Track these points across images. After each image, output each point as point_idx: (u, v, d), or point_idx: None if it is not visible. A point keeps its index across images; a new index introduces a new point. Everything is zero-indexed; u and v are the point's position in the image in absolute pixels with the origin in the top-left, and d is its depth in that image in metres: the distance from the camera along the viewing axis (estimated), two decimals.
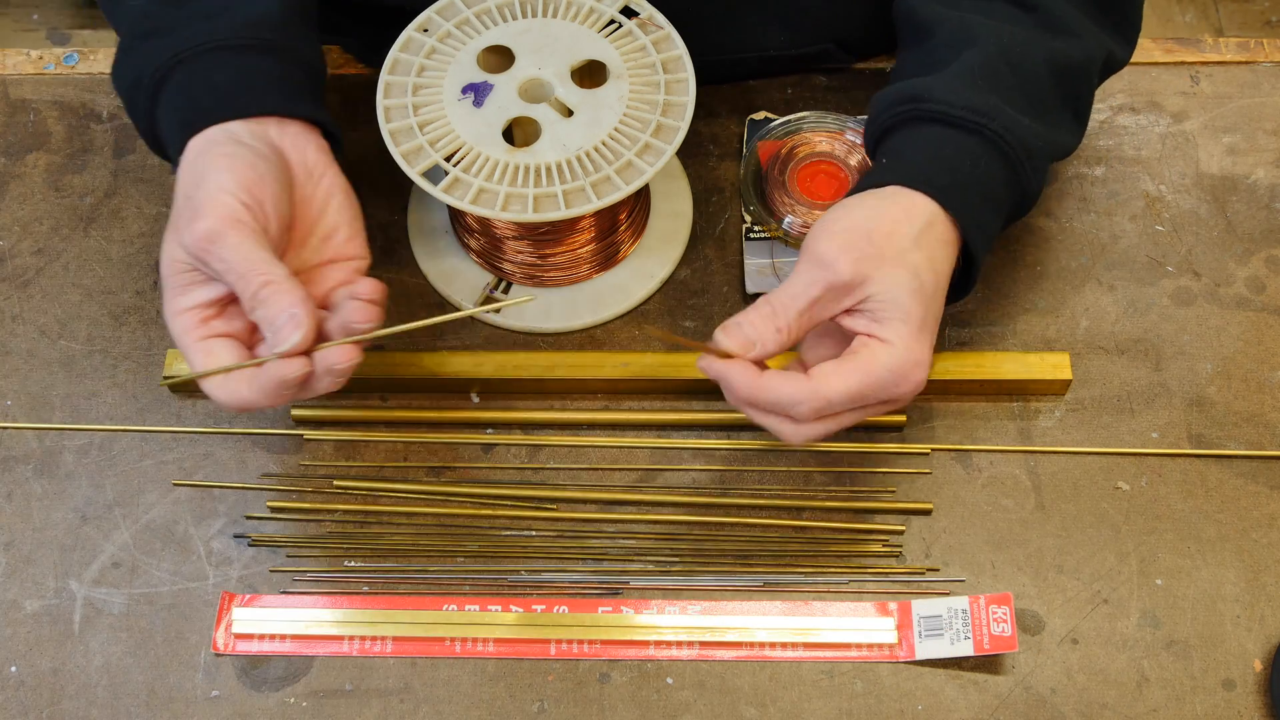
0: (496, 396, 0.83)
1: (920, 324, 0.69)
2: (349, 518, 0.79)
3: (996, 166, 0.73)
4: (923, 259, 0.69)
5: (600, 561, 0.78)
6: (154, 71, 0.74)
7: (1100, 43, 0.79)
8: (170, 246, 0.70)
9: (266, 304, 0.67)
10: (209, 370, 0.69)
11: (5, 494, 0.80)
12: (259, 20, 0.75)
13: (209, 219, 0.67)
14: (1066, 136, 0.78)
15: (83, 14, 2.16)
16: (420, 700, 0.74)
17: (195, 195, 0.69)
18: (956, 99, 0.73)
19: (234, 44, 0.74)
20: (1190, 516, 0.79)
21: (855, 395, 0.68)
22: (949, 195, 0.71)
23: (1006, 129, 0.72)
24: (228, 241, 0.67)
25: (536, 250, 0.83)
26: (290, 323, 0.66)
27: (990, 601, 0.74)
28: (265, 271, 0.67)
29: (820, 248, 0.69)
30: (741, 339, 0.69)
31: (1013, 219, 0.77)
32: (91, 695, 0.74)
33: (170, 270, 0.70)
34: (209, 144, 0.71)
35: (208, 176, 0.69)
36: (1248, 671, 0.74)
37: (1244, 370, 0.83)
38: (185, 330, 0.69)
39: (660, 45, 0.81)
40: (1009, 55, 0.75)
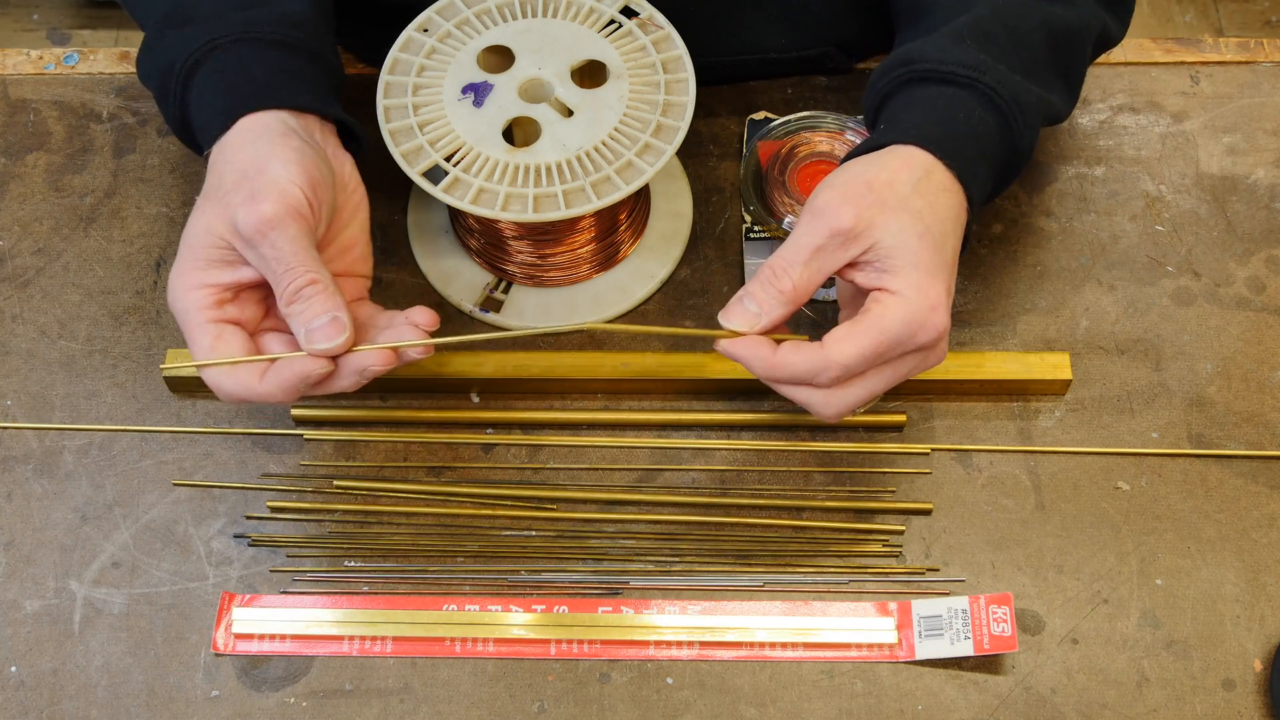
0: (496, 396, 0.83)
1: (931, 268, 0.67)
2: (349, 518, 0.79)
3: (989, 118, 0.73)
4: (924, 204, 0.69)
5: (600, 561, 0.78)
6: (188, 57, 0.74)
7: (1096, 14, 0.80)
8: (208, 219, 0.69)
9: (309, 302, 0.67)
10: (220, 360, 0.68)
11: (5, 494, 0.80)
12: (291, 17, 0.76)
13: (273, 204, 0.67)
14: (1059, 100, 0.78)
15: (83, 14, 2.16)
16: (420, 700, 0.74)
17: (257, 178, 0.68)
18: (946, 56, 0.73)
19: (269, 38, 0.74)
20: (1190, 516, 0.79)
21: (871, 354, 0.66)
22: (944, 146, 0.70)
23: (999, 82, 0.73)
24: (287, 232, 0.67)
25: (536, 250, 0.84)
26: (334, 325, 0.67)
27: (990, 601, 0.74)
28: (314, 270, 0.68)
29: (819, 200, 0.68)
30: (742, 314, 0.68)
31: (1004, 179, 0.76)
32: (91, 695, 0.74)
33: (200, 241, 0.69)
34: (267, 129, 0.71)
35: (272, 163, 0.69)
36: (1248, 671, 0.74)
37: (1244, 370, 0.83)
38: (198, 307, 0.69)
39: (660, 45, 0.81)
40: (1003, 16, 0.75)
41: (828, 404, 0.69)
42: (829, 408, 0.69)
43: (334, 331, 0.67)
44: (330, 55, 0.78)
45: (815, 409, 0.69)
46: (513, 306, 0.85)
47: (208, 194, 0.70)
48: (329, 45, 0.79)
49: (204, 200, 0.70)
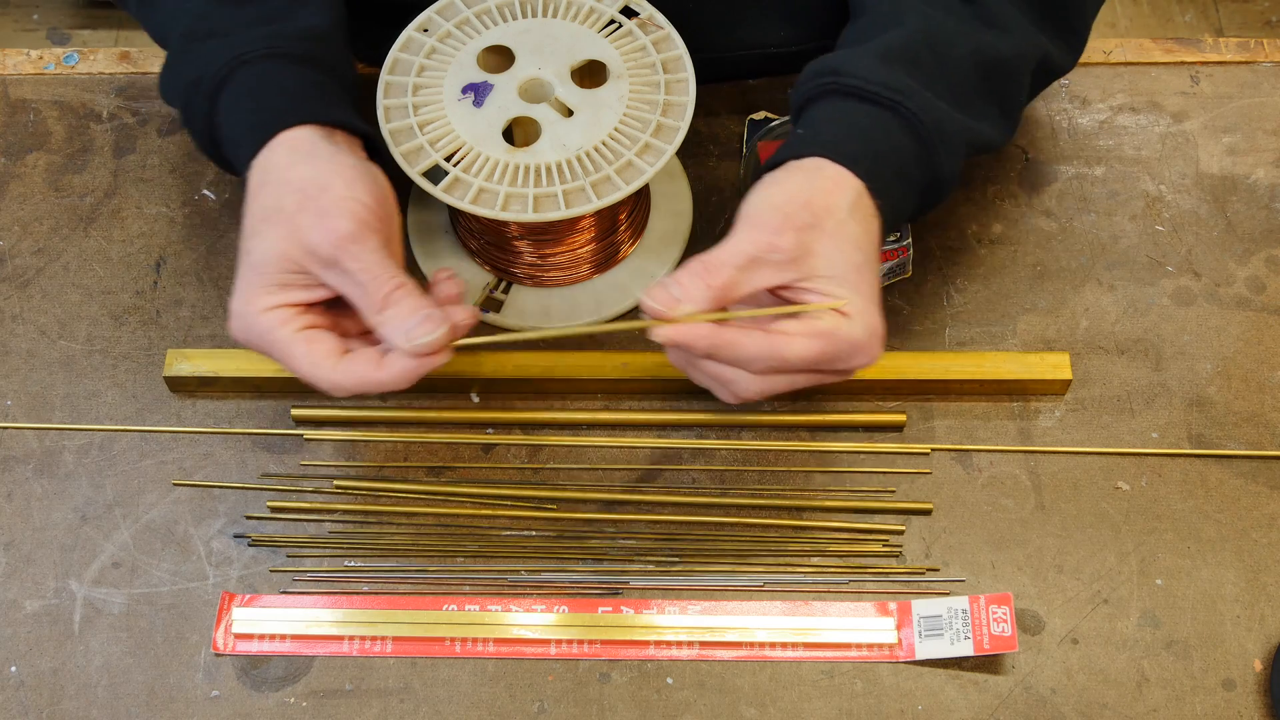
0: (496, 396, 0.83)
1: (870, 296, 0.69)
2: (349, 518, 0.79)
3: (908, 144, 0.73)
4: (860, 230, 0.70)
5: (600, 561, 0.78)
6: (215, 72, 0.74)
7: (1035, 43, 0.79)
8: (276, 242, 0.69)
9: (400, 305, 0.68)
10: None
11: (5, 494, 0.80)
12: (314, 32, 0.76)
13: (347, 220, 0.68)
14: (990, 130, 0.78)
15: (83, 14, 2.16)
16: (420, 700, 0.74)
17: (321, 197, 0.69)
18: (872, 75, 0.73)
19: (295, 54, 0.74)
20: (1190, 516, 0.79)
21: (816, 359, 0.68)
22: (868, 170, 0.71)
23: (922, 109, 0.73)
24: (365, 245, 0.68)
25: (536, 250, 0.84)
26: (430, 321, 0.68)
27: (990, 601, 0.74)
28: (397, 275, 0.69)
29: (762, 217, 0.69)
30: (666, 297, 0.68)
31: (926, 204, 0.76)
32: (91, 695, 0.74)
33: (271, 266, 0.69)
34: (314, 147, 0.71)
35: (334, 180, 0.70)
36: (1248, 671, 0.74)
37: (1244, 370, 0.83)
38: (281, 323, 0.69)
39: (660, 45, 0.81)
40: (933, 40, 0.75)
41: (749, 387, 0.70)
42: (748, 391, 0.70)
43: (431, 326, 0.68)
44: (349, 70, 0.79)
45: (736, 389, 0.70)
46: (513, 306, 0.85)
47: (267, 217, 0.70)
48: (348, 60, 0.79)
49: (263, 224, 0.70)
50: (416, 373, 0.69)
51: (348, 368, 0.69)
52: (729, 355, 0.68)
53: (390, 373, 0.69)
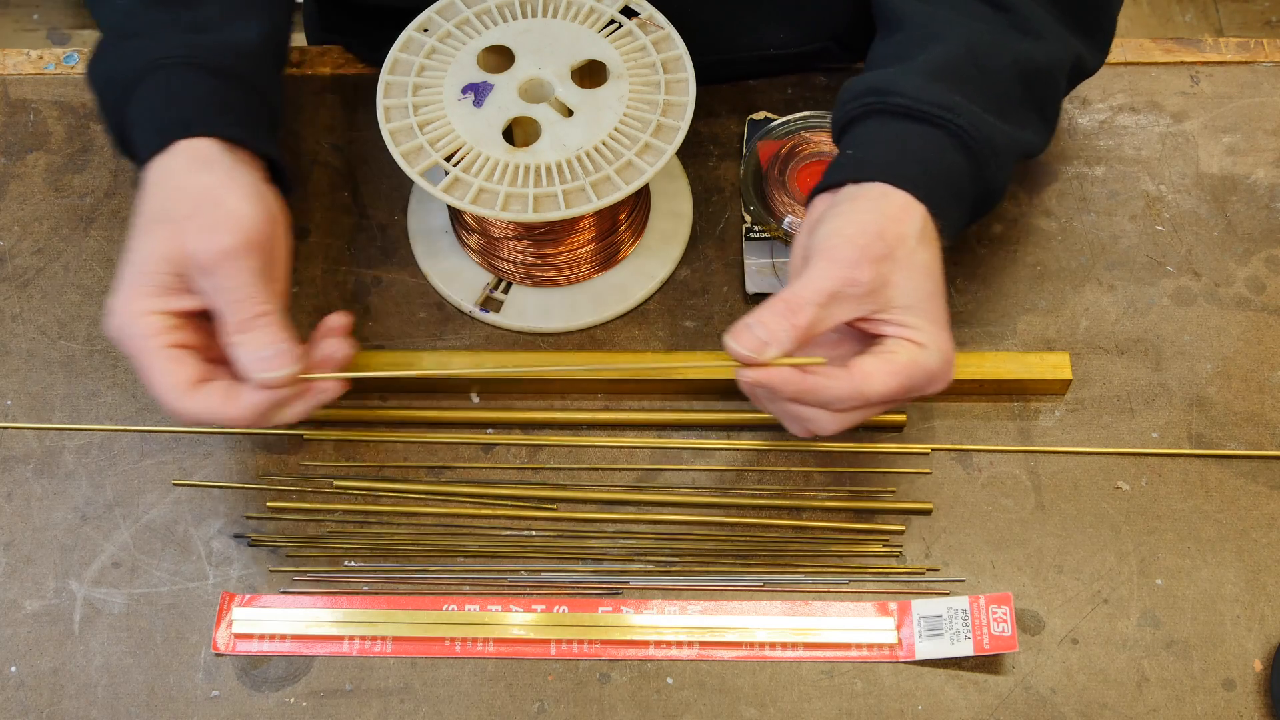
0: (496, 396, 0.83)
1: (943, 323, 0.70)
2: (349, 518, 0.79)
3: (961, 160, 0.73)
4: (929, 257, 0.70)
5: (600, 561, 0.78)
6: (130, 72, 0.74)
7: (1069, 47, 0.79)
8: (160, 244, 0.69)
9: (257, 333, 0.68)
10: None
11: (5, 494, 0.80)
12: (238, 48, 0.76)
13: (232, 236, 0.68)
14: (1033, 136, 0.78)
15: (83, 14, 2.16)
16: (420, 700, 0.74)
17: (214, 210, 0.69)
18: (921, 94, 0.73)
19: (213, 65, 0.74)
20: (1190, 516, 0.79)
21: (896, 393, 0.68)
22: (927, 192, 0.71)
23: (972, 124, 0.73)
24: (243, 264, 0.68)
25: (536, 250, 0.84)
26: (280, 357, 0.68)
27: (990, 601, 0.74)
28: (266, 302, 0.69)
29: (839, 251, 0.68)
30: (753, 341, 0.68)
31: (975, 217, 0.77)
32: (91, 695, 0.74)
33: (152, 267, 0.69)
34: (217, 159, 0.71)
35: (229, 195, 0.70)
36: (1248, 671, 0.74)
37: (1244, 370, 0.83)
38: (153, 332, 0.69)
39: (660, 45, 0.81)
40: (976, 54, 0.75)
41: (829, 424, 0.70)
42: (826, 428, 0.70)
43: (280, 362, 0.68)
44: (273, 92, 0.78)
45: (813, 426, 0.70)
46: (513, 306, 0.85)
47: (156, 218, 0.70)
48: (274, 82, 0.79)
49: (152, 224, 0.70)
50: (264, 410, 0.69)
51: (197, 399, 0.68)
52: (814, 398, 0.68)
53: (238, 409, 0.69)
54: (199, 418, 0.69)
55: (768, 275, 0.85)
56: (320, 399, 0.71)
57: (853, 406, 0.68)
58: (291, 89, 0.95)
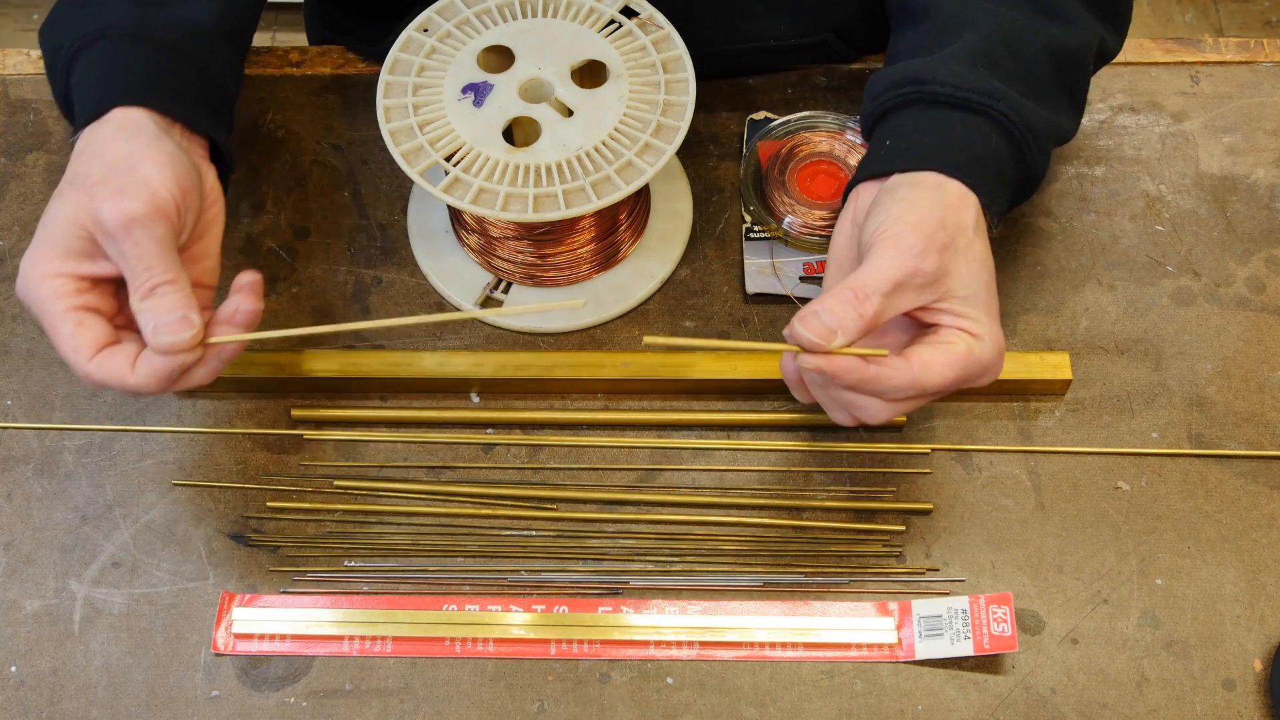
0: (496, 396, 0.83)
1: (996, 314, 0.70)
2: (349, 518, 0.79)
3: (1004, 146, 0.73)
4: (983, 247, 0.70)
5: (600, 561, 0.78)
6: (77, 39, 0.75)
7: (1095, 31, 0.80)
8: (71, 208, 0.69)
9: (161, 299, 0.68)
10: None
11: (5, 494, 0.80)
12: (188, 25, 0.76)
13: (141, 203, 0.68)
14: (1065, 121, 0.78)
15: None
16: (420, 700, 0.74)
17: (127, 175, 0.69)
18: (961, 81, 0.73)
19: (159, 40, 0.75)
20: (1190, 516, 0.79)
21: (952, 383, 0.68)
22: (977, 180, 0.71)
23: (1012, 109, 0.73)
24: (150, 231, 0.68)
25: (536, 250, 0.84)
26: (182, 323, 0.68)
27: (990, 601, 0.74)
28: (171, 270, 0.69)
29: (904, 239, 0.68)
30: (821, 328, 0.67)
31: (1015, 203, 0.77)
32: (91, 695, 0.74)
33: (62, 230, 0.69)
34: (141, 128, 0.72)
35: (144, 163, 0.70)
36: (1248, 671, 0.74)
37: (1244, 370, 0.83)
38: (59, 295, 0.68)
39: (660, 45, 0.81)
40: (1009, 40, 0.75)
41: (880, 413, 0.70)
42: (879, 416, 0.70)
43: (181, 328, 0.68)
44: (222, 72, 0.79)
45: (866, 415, 0.70)
46: (513, 306, 0.85)
47: (73, 181, 0.70)
48: (225, 61, 0.79)
49: (67, 188, 0.70)
50: (168, 375, 0.69)
51: (102, 363, 0.68)
52: (873, 387, 0.68)
53: (140, 375, 0.68)
54: (103, 382, 0.69)
55: (768, 275, 0.85)
56: (222, 357, 0.71)
57: (908, 397, 0.69)
58: (291, 89, 0.95)
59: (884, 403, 0.69)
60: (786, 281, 0.85)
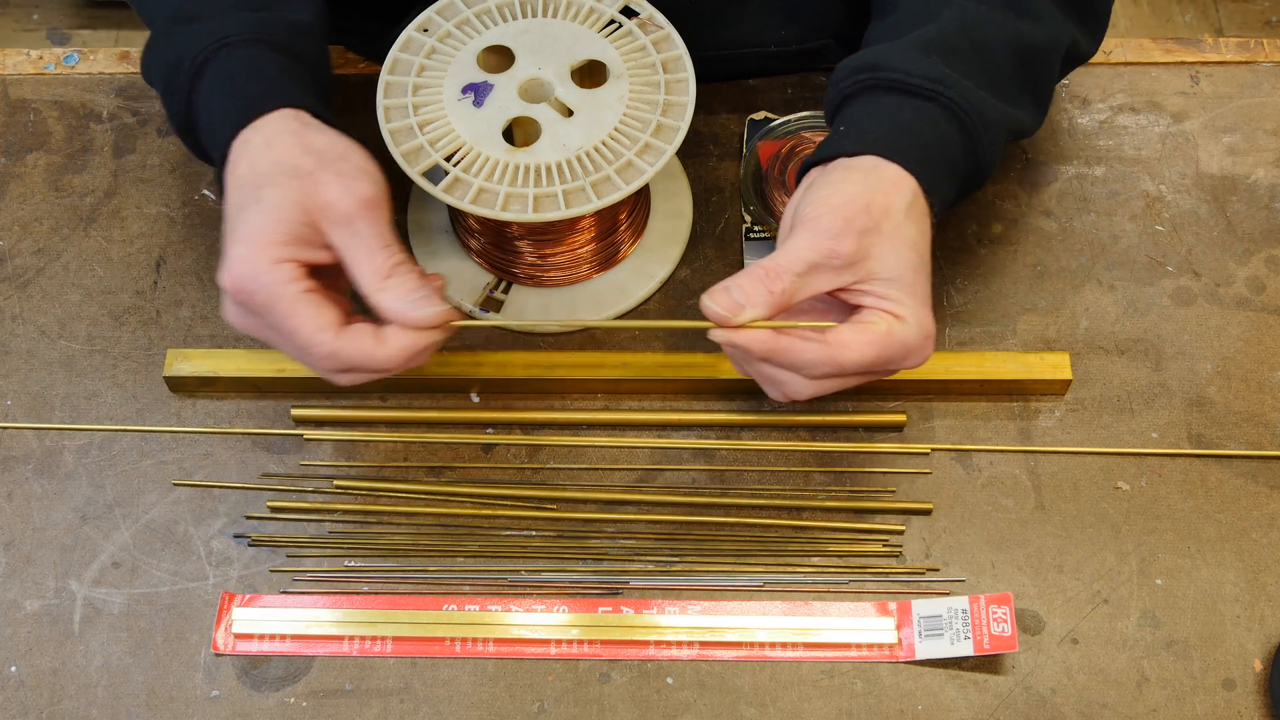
0: (496, 396, 0.83)
1: (924, 298, 0.70)
2: (349, 518, 0.79)
3: (953, 133, 0.73)
4: (916, 232, 0.70)
5: (600, 561, 0.78)
6: (198, 53, 0.74)
7: (1065, 30, 0.80)
8: (293, 193, 0.68)
9: (406, 278, 0.69)
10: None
11: (5, 494, 0.80)
12: (296, 25, 0.77)
13: (370, 185, 0.70)
14: (1025, 115, 0.78)
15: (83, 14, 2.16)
16: (420, 700, 0.74)
17: (343, 162, 0.70)
18: (912, 67, 0.73)
19: (278, 42, 0.75)
20: (1190, 516, 0.79)
21: (870, 363, 0.68)
22: (919, 165, 0.71)
23: (964, 97, 0.73)
24: (380, 213, 0.70)
25: (536, 250, 0.84)
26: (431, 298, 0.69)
27: (990, 601, 0.74)
28: (402, 252, 0.70)
29: (823, 222, 0.68)
30: (729, 302, 0.68)
31: (965, 193, 0.77)
32: (91, 695, 0.74)
33: (283, 216, 0.68)
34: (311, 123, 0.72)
35: (352, 152, 0.71)
36: (1248, 671, 0.74)
37: (1244, 370, 0.83)
38: (293, 278, 0.68)
39: (660, 45, 0.81)
40: (970, 30, 0.76)
41: (801, 390, 0.70)
42: (800, 392, 0.71)
43: (431, 304, 0.69)
44: (325, 69, 0.80)
45: (788, 390, 0.71)
46: (513, 306, 0.85)
47: (281, 171, 0.69)
48: (326, 59, 0.81)
49: (278, 177, 0.69)
50: (415, 350, 0.69)
51: (350, 338, 0.68)
52: (785, 360, 0.69)
53: (390, 349, 0.68)
54: (350, 360, 0.68)
55: None
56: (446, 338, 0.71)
57: (827, 374, 0.69)
58: None
59: (805, 379, 0.70)
60: None
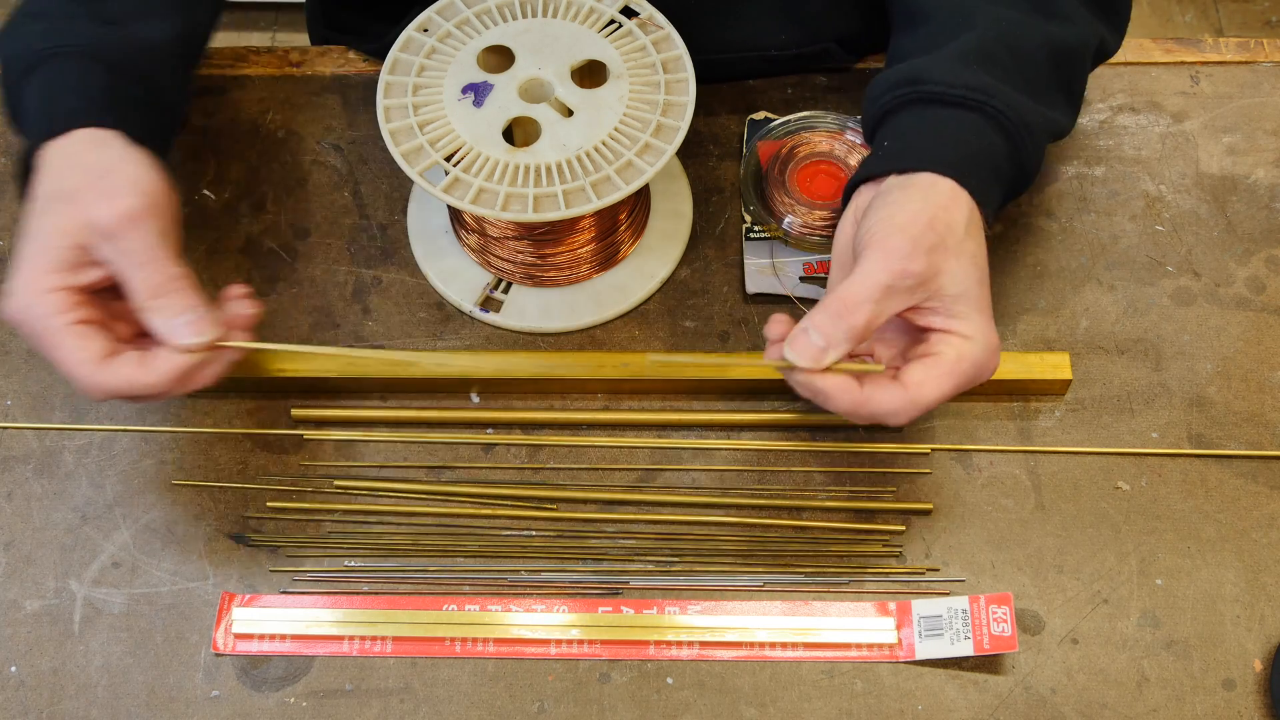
0: (496, 396, 0.83)
1: (989, 311, 0.70)
2: (349, 518, 0.79)
3: (999, 142, 0.73)
4: (976, 247, 0.70)
5: (600, 561, 0.78)
6: (31, 55, 0.74)
7: (1094, 29, 0.80)
8: (56, 219, 0.69)
9: (172, 298, 0.68)
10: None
11: (5, 494, 0.80)
12: (144, 44, 0.76)
13: (134, 198, 0.68)
14: (1061, 118, 0.79)
15: None
16: (420, 700, 0.74)
17: (110, 176, 0.69)
18: (954, 79, 0.73)
19: (114, 61, 0.74)
20: (1190, 516, 0.79)
21: (948, 394, 0.69)
22: (971, 177, 0.71)
23: (1008, 105, 0.73)
24: (149, 226, 0.68)
25: (536, 250, 0.84)
26: (201, 320, 0.69)
27: (990, 601, 0.74)
28: (176, 267, 0.69)
29: (891, 242, 0.68)
30: (811, 350, 0.68)
31: (1009, 198, 0.77)
32: (91, 695, 0.74)
33: (52, 242, 0.68)
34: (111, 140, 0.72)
35: (126, 164, 0.70)
36: (1248, 671, 0.74)
37: (1244, 370, 0.83)
38: (58, 310, 0.68)
39: (660, 45, 0.81)
40: (1006, 37, 0.76)
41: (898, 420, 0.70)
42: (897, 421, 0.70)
43: (199, 328, 0.69)
44: (173, 90, 0.79)
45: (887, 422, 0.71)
46: (513, 306, 0.85)
47: (53, 196, 0.70)
48: (177, 81, 0.79)
49: (49, 201, 0.70)
50: (182, 375, 0.69)
51: (113, 370, 0.68)
52: (868, 413, 0.69)
53: (155, 374, 0.68)
54: (116, 389, 0.68)
55: (768, 275, 0.85)
56: (228, 359, 0.71)
57: (912, 416, 0.69)
58: (291, 89, 0.95)
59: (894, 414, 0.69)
60: (786, 281, 0.85)
